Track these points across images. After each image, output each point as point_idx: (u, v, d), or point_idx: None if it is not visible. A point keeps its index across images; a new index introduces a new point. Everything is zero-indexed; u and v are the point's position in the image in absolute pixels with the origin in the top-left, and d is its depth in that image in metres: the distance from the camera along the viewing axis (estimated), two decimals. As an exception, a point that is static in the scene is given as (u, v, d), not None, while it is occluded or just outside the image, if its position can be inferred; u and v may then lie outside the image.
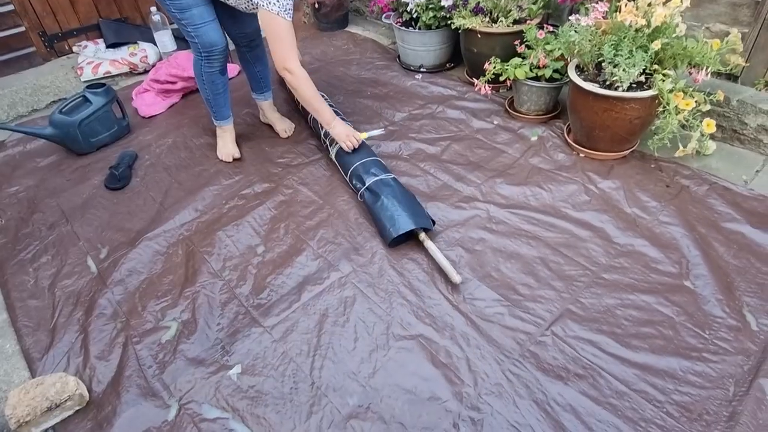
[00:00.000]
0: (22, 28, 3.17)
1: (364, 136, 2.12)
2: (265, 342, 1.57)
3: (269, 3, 1.78)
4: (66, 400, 1.41)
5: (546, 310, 1.57)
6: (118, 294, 1.76)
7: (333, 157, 2.19)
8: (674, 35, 1.92)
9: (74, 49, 3.36)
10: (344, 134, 2.05)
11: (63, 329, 1.67)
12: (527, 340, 1.49)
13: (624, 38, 1.90)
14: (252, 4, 1.93)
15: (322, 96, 2.29)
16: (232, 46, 2.31)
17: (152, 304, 1.71)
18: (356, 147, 2.07)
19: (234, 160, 2.34)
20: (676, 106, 1.86)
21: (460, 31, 2.61)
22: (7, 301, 1.79)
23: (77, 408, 1.45)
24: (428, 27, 2.77)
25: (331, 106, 2.24)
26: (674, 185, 1.99)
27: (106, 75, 3.15)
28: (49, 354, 1.60)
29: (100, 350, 1.59)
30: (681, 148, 1.97)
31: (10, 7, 3.07)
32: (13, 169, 2.47)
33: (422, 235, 1.78)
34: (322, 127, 2.20)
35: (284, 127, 2.48)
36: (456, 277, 1.63)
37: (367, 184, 1.94)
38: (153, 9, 3.16)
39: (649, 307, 1.55)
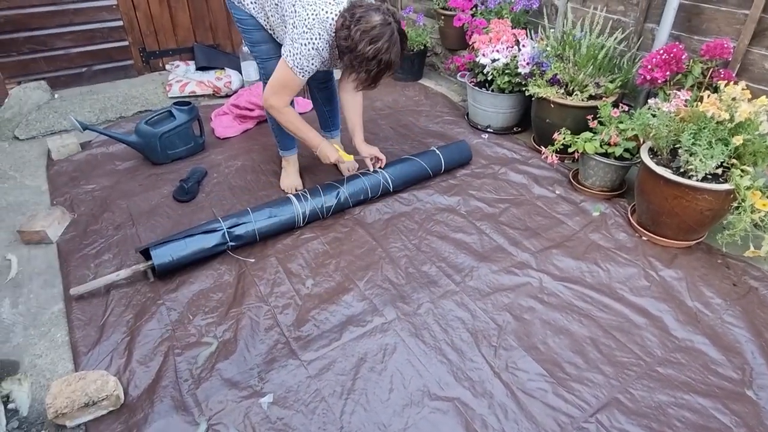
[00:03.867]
0: (126, 43, 3.47)
1: (349, 158, 2.28)
2: (299, 376, 1.56)
3: (289, 55, 1.88)
4: (103, 399, 1.44)
5: (592, 395, 1.49)
6: (169, 303, 1.81)
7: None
8: (757, 132, 1.88)
9: (167, 67, 3.64)
10: (330, 157, 2.18)
11: (112, 328, 1.72)
12: (569, 424, 1.42)
13: (704, 128, 1.87)
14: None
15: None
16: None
17: (199, 318, 1.75)
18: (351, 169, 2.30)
19: (296, 191, 2.42)
20: (752, 204, 1.80)
21: (533, 98, 2.65)
22: (65, 293, 1.88)
23: (111, 409, 1.47)
24: (501, 90, 2.82)
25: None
26: (742, 285, 1.89)
27: (191, 94, 3.36)
28: (95, 350, 1.65)
29: (143, 355, 1.63)
30: (752, 248, 1.88)
31: (120, 23, 3.38)
32: (93, 168, 2.64)
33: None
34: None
35: (348, 166, 2.54)
36: None
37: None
38: (244, 40, 3.39)
39: (705, 412, 1.45)
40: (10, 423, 1.45)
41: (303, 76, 1.93)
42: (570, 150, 2.36)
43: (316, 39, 1.84)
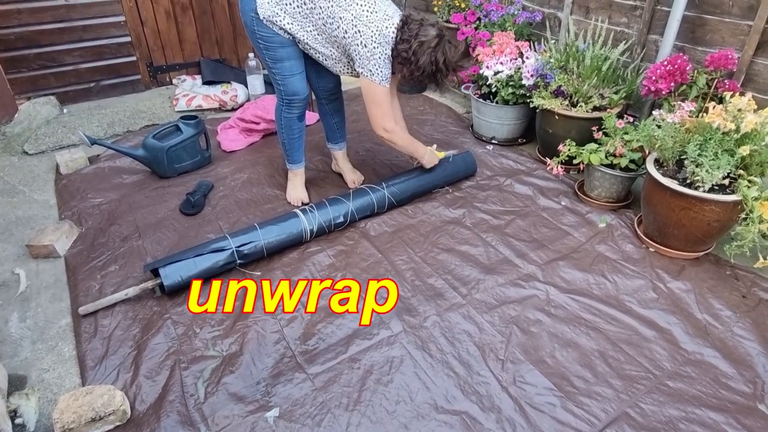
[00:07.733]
0: (133, 58, 3.51)
1: (441, 155, 2.47)
2: (306, 389, 1.56)
3: (372, 74, 1.97)
4: (110, 414, 1.44)
5: (602, 410, 1.48)
6: (175, 316, 1.82)
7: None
8: (763, 143, 1.87)
9: (174, 81, 3.67)
10: (435, 160, 2.43)
11: (118, 342, 1.73)
12: (578, 439, 1.40)
13: (710, 139, 1.87)
14: (351, 70, 2.11)
15: None
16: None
17: (205, 331, 1.75)
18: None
19: (302, 204, 2.42)
20: (760, 215, 1.79)
21: (537, 110, 2.66)
22: (73, 306, 1.88)
23: (118, 424, 1.47)
24: (505, 102, 2.83)
25: None
26: (751, 297, 1.88)
27: (198, 108, 3.39)
28: (102, 364, 1.65)
29: (149, 369, 1.63)
30: (762, 259, 1.87)
31: (128, 39, 3.42)
32: (101, 181, 2.66)
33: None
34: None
35: (354, 178, 2.55)
36: None
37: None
38: (251, 55, 3.42)
39: (716, 426, 1.43)
40: (17, 438, 1.45)
41: (387, 84, 2.04)
42: (575, 161, 2.35)
43: (386, 50, 1.98)
